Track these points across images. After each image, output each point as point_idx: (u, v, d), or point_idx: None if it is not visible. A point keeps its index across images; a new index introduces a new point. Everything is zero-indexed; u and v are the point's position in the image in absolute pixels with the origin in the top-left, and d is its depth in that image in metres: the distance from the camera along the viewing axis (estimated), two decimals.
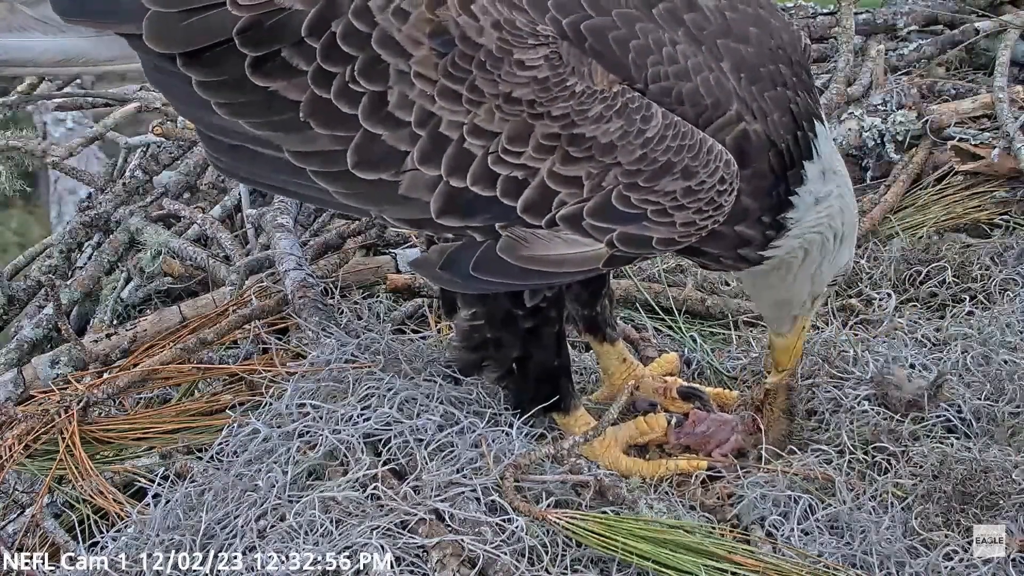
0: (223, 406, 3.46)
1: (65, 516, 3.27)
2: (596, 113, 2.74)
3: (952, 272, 3.82)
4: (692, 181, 2.76)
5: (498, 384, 3.15)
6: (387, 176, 2.83)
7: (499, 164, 2.77)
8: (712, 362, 3.58)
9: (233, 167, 2.99)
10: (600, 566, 2.82)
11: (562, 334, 3.12)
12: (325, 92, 2.80)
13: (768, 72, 2.89)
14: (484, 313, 3.05)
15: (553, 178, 2.77)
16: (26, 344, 4.09)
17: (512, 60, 2.73)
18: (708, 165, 2.76)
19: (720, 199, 2.78)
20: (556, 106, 2.74)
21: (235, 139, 2.90)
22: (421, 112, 2.78)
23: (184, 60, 2.87)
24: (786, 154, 2.89)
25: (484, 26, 2.74)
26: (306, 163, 2.86)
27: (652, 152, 2.75)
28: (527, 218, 2.79)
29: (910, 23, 5.17)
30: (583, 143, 2.75)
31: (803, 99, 2.93)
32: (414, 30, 2.76)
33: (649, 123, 2.74)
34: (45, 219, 10.84)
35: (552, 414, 3.18)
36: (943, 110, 4.56)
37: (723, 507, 2.98)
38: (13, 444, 3.35)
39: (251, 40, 2.82)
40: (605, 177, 2.76)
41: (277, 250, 3.98)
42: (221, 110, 2.88)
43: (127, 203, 4.57)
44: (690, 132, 2.76)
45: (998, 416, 3.17)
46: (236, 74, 2.83)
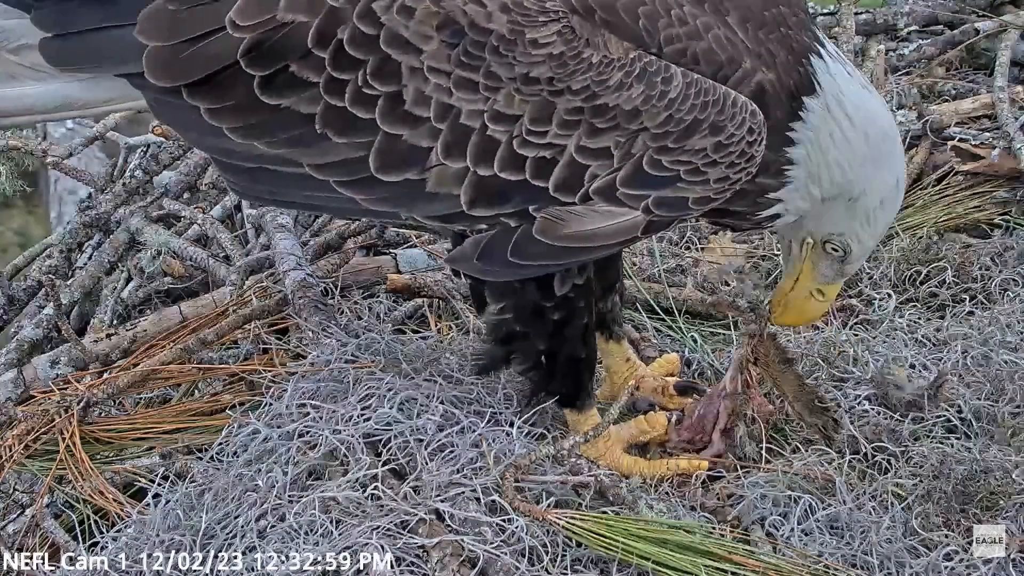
0: (223, 406, 3.46)
1: (65, 516, 3.27)
2: (616, 81, 2.73)
3: (952, 272, 3.82)
4: (721, 135, 2.75)
5: (524, 375, 3.14)
6: (413, 175, 2.80)
7: (525, 147, 2.75)
8: (712, 363, 3.58)
9: (254, 190, 2.96)
10: (600, 566, 2.82)
11: (590, 328, 3.10)
12: (339, 100, 2.78)
13: (772, 16, 2.89)
14: (512, 306, 3.02)
15: (582, 152, 2.75)
16: (26, 344, 4.09)
17: (525, 40, 2.72)
18: (735, 118, 2.75)
19: (751, 150, 2.78)
20: (575, 80, 2.72)
21: (252, 162, 2.87)
22: (439, 106, 2.76)
23: (190, 91, 2.84)
24: (795, 91, 2.88)
25: (492, 11, 2.73)
26: (328, 175, 2.83)
27: (677, 112, 2.74)
28: (560, 196, 2.78)
29: (910, 23, 5.17)
30: (607, 113, 2.74)
31: (801, 35, 2.92)
32: (422, 25, 2.74)
33: (670, 84, 2.73)
34: (45, 219, 10.84)
35: (566, 409, 3.17)
36: (943, 110, 4.56)
37: (723, 507, 2.98)
38: (13, 444, 3.35)
39: (257, 60, 2.79)
40: (634, 144, 2.75)
41: (277, 250, 3.98)
42: (234, 134, 2.85)
43: (127, 203, 4.57)
44: (712, 88, 2.75)
45: (998, 416, 3.17)
46: (245, 96, 2.80)
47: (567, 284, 2.98)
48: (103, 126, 4.73)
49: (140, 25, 2.84)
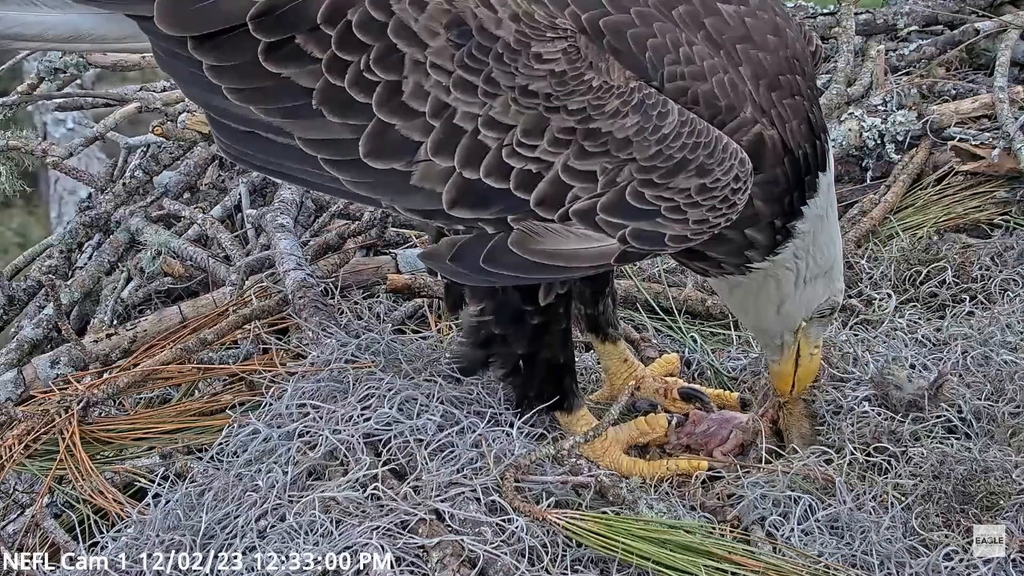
0: (223, 406, 3.46)
1: (65, 516, 3.27)
2: (613, 108, 2.73)
3: (952, 272, 3.82)
4: (707, 179, 2.75)
5: (503, 381, 3.14)
6: (399, 166, 2.81)
7: (513, 157, 2.76)
8: (712, 363, 3.58)
9: (243, 153, 2.96)
10: (600, 566, 2.82)
11: (568, 332, 3.11)
12: (339, 80, 2.79)
13: (787, 81, 2.89)
14: (493, 308, 3.03)
15: (568, 172, 2.76)
16: (26, 344, 4.09)
17: (530, 53, 2.73)
18: (723, 163, 2.75)
19: (734, 197, 2.78)
20: (573, 100, 2.73)
21: (245, 125, 2.88)
22: (436, 103, 2.77)
23: (195, 44, 2.85)
24: (803, 161, 2.90)
25: (502, 18, 2.73)
26: (317, 151, 2.85)
27: (668, 149, 2.74)
28: (540, 211, 2.79)
29: (910, 23, 5.17)
30: (599, 138, 2.74)
31: (818, 111, 2.95)
32: (431, 20, 2.75)
33: (665, 119, 2.74)
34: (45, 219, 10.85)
35: (555, 413, 3.17)
36: (943, 110, 4.56)
37: (723, 507, 2.98)
38: (13, 444, 3.35)
39: (265, 26, 2.80)
40: (620, 172, 2.75)
41: (277, 250, 3.98)
42: (232, 96, 2.86)
43: (127, 203, 4.57)
44: (706, 130, 2.75)
45: (998, 416, 3.17)
46: (249, 59, 2.82)
47: (551, 294, 3.00)
48: (103, 126, 4.73)
49: None
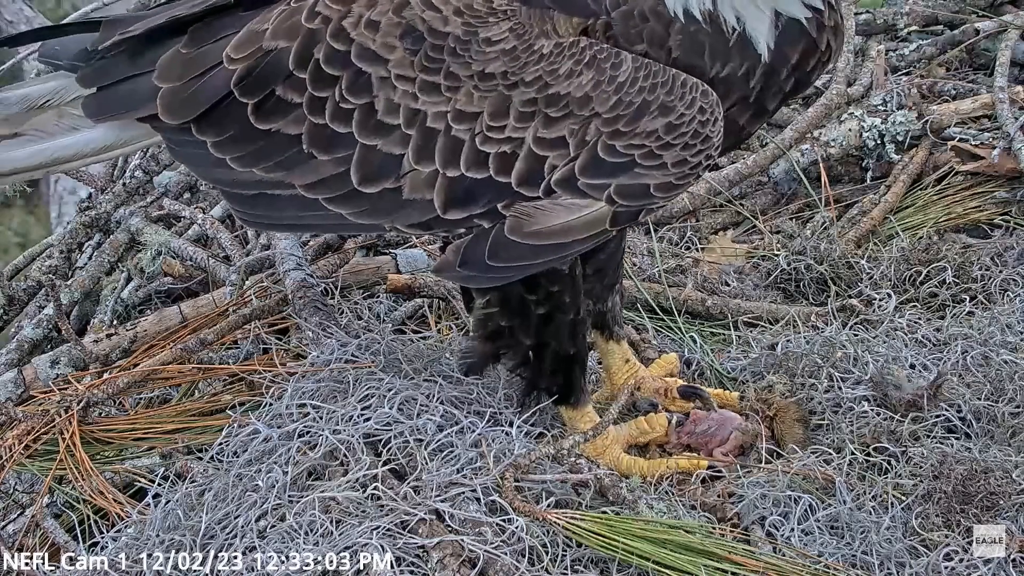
0: (223, 406, 3.47)
1: (65, 516, 3.27)
2: (567, 69, 2.78)
3: (952, 272, 3.82)
4: (671, 116, 2.77)
5: (513, 373, 3.16)
6: (389, 184, 2.87)
7: (487, 143, 2.81)
8: (712, 363, 3.58)
9: (257, 216, 3.06)
10: (600, 566, 2.82)
11: (578, 325, 3.11)
12: (320, 118, 2.88)
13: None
14: (498, 300, 3.05)
15: (539, 143, 2.80)
16: (26, 344, 4.10)
17: (479, 39, 2.80)
18: (684, 98, 2.77)
19: (705, 130, 2.79)
20: (528, 71, 2.79)
21: (252, 188, 2.98)
22: (408, 112, 2.84)
23: (197, 126, 2.99)
24: None
25: (448, 15, 2.82)
26: (317, 193, 2.92)
27: (626, 96, 2.77)
28: (524, 191, 2.82)
29: (910, 23, 5.18)
30: (560, 101, 2.79)
31: None
32: (386, 36, 2.85)
33: (619, 68, 2.78)
34: (45, 219, 10.84)
35: (561, 407, 3.18)
36: (943, 110, 4.56)
37: (723, 507, 2.98)
38: (13, 444, 3.35)
39: (248, 88, 2.92)
40: (587, 131, 2.79)
41: (277, 250, 3.99)
42: (235, 164, 2.98)
43: (127, 203, 4.58)
44: (661, 70, 2.78)
45: (998, 416, 3.16)
46: (242, 124, 2.94)
47: (554, 280, 3.00)
48: None
49: (158, 71, 3.00)
